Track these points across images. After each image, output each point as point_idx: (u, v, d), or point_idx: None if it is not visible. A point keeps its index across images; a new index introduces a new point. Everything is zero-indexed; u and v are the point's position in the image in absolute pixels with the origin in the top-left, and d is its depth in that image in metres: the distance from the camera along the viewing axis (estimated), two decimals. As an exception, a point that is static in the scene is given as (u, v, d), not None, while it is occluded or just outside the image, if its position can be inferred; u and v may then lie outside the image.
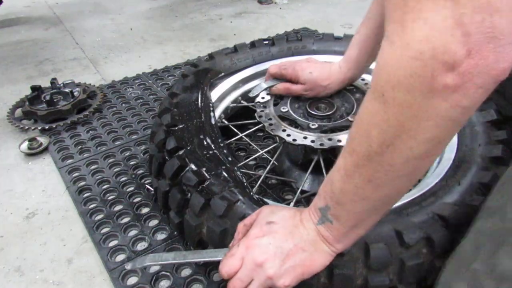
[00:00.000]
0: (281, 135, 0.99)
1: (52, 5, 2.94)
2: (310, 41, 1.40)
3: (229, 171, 0.91)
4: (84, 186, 1.19)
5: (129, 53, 2.14)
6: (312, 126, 1.01)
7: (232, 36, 2.29)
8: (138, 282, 0.90)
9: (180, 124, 1.02)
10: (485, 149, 0.93)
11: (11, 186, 1.23)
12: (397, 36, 0.46)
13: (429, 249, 0.75)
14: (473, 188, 0.84)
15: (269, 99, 1.13)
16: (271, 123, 1.03)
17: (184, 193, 0.89)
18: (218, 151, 0.97)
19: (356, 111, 1.05)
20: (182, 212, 0.90)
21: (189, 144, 0.97)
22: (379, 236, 0.74)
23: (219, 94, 1.26)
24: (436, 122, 0.48)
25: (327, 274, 0.73)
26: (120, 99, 1.64)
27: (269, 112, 1.07)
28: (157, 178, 1.01)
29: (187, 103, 1.11)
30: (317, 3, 2.76)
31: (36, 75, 1.91)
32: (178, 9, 2.79)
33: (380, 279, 0.74)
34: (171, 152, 0.96)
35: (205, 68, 1.28)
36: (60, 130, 1.45)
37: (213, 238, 0.82)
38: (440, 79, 0.45)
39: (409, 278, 0.75)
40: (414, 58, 0.45)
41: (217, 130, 1.05)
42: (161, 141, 1.00)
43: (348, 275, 0.72)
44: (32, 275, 0.95)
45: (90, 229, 1.05)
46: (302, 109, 1.09)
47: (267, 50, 1.37)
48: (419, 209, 0.80)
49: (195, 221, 0.85)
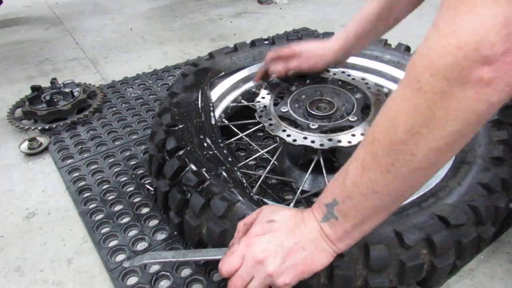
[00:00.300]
0: (281, 136, 0.99)
1: (52, 5, 2.94)
2: None
3: (229, 171, 0.91)
4: (84, 186, 1.19)
5: (129, 53, 2.13)
6: (312, 127, 1.01)
7: (232, 36, 2.29)
8: (138, 282, 0.90)
9: (180, 124, 1.02)
10: (485, 150, 0.92)
11: (11, 186, 1.23)
12: (446, 25, 0.49)
13: (429, 249, 0.75)
14: (473, 189, 0.84)
15: (270, 98, 1.13)
16: (271, 123, 1.03)
17: (184, 193, 0.89)
18: (218, 151, 0.97)
19: (356, 111, 1.05)
20: (182, 212, 0.90)
21: (189, 144, 0.97)
22: (379, 237, 0.74)
23: (219, 93, 1.26)
24: (464, 114, 0.50)
25: (327, 274, 0.73)
26: (120, 99, 1.64)
27: (269, 112, 1.07)
28: (157, 178, 1.01)
29: (187, 103, 1.11)
30: (317, 3, 2.76)
31: (36, 75, 1.91)
32: (178, 9, 2.79)
33: (380, 280, 0.74)
34: (171, 152, 0.96)
35: (205, 68, 1.28)
36: (60, 130, 1.45)
37: (213, 238, 0.82)
38: (477, 71, 0.47)
39: (409, 279, 0.75)
40: (459, 48, 0.47)
41: (217, 130, 1.05)
42: (161, 141, 1.00)
43: (348, 276, 0.72)
44: (32, 275, 0.95)
45: (90, 229, 1.05)
46: (302, 109, 1.09)
47: (267, 49, 1.37)
48: (419, 210, 0.80)
49: (195, 222, 0.85)
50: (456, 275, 0.90)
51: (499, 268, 0.92)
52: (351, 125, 1.01)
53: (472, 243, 0.78)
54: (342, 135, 0.97)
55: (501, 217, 0.87)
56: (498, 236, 0.99)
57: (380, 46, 1.36)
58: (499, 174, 0.86)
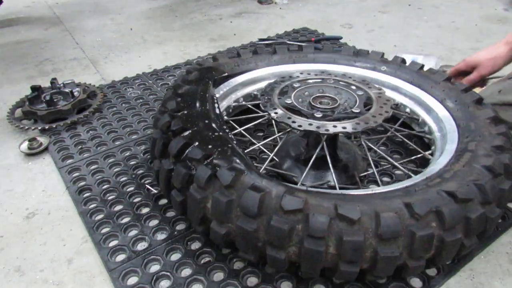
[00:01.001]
0: (287, 122, 0.98)
1: (52, 5, 2.94)
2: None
3: (235, 149, 0.90)
4: (84, 186, 1.19)
5: (129, 53, 2.14)
6: (317, 115, 1.01)
7: (232, 36, 2.29)
8: (138, 282, 0.90)
9: (185, 110, 1.02)
10: (486, 140, 0.95)
11: (11, 186, 1.23)
12: None
13: (438, 223, 0.75)
14: (478, 171, 0.85)
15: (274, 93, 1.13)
16: (276, 111, 1.03)
17: (189, 169, 0.87)
18: (224, 134, 0.97)
19: (359, 105, 1.05)
20: (186, 189, 0.88)
21: (195, 126, 0.96)
22: (389, 208, 0.75)
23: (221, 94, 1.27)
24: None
25: (336, 243, 0.73)
26: (120, 99, 1.64)
27: (274, 103, 1.07)
28: (160, 159, 0.99)
29: (192, 93, 1.12)
30: (317, 3, 2.77)
31: (36, 75, 1.91)
32: (178, 9, 2.79)
33: (390, 250, 0.73)
34: (176, 132, 0.95)
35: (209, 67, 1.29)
36: (60, 130, 1.45)
37: (219, 210, 0.80)
38: None
39: (419, 252, 0.75)
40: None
41: (221, 118, 1.05)
42: (165, 124, 0.99)
43: (358, 244, 0.72)
44: (32, 275, 0.95)
45: (90, 229, 1.05)
46: (306, 103, 1.09)
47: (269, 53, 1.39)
48: (426, 187, 0.82)
49: (200, 194, 0.84)
50: (456, 275, 0.90)
51: (499, 268, 0.92)
52: (356, 116, 1.01)
53: (479, 220, 0.78)
54: (347, 122, 0.98)
55: (505, 201, 0.87)
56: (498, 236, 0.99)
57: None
58: (501, 159, 0.88)
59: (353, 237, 0.72)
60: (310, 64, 1.38)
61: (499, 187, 0.83)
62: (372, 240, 0.73)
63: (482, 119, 1.03)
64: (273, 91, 1.11)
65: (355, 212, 0.74)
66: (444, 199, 0.77)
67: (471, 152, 0.92)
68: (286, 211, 0.75)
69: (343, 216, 0.73)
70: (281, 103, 1.07)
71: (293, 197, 0.76)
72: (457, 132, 1.04)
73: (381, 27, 2.28)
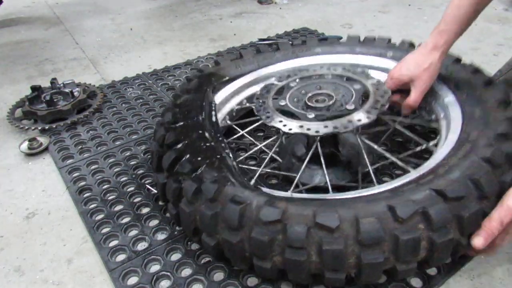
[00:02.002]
0: (277, 126, 0.99)
1: (52, 5, 2.94)
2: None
3: (223, 160, 0.91)
4: (84, 186, 1.19)
5: (129, 53, 2.14)
6: (309, 116, 1.01)
7: (232, 36, 2.29)
8: (138, 282, 0.90)
9: (182, 121, 1.03)
10: (491, 127, 0.89)
11: (11, 186, 1.23)
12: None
13: (426, 224, 0.72)
14: (475, 164, 0.80)
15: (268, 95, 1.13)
16: (268, 115, 1.03)
17: (180, 183, 0.89)
18: (216, 143, 0.97)
19: (354, 100, 1.04)
20: (178, 202, 0.90)
21: (187, 138, 0.97)
22: (371, 212, 0.73)
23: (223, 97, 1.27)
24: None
25: (317, 251, 0.72)
26: (120, 99, 1.64)
27: (267, 107, 1.07)
28: (157, 172, 1.01)
29: (190, 103, 1.12)
30: (317, 3, 2.76)
31: (36, 75, 1.91)
32: (178, 9, 2.79)
33: (373, 256, 0.71)
34: (170, 146, 0.96)
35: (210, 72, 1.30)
36: (60, 130, 1.45)
37: (205, 223, 0.81)
38: None
39: (406, 255, 0.72)
40: None
41: (217, 126, 1.06)
42: (161, 137, 1.02)
43: (338, 251, 0.71)
44: (32, 275, 0.95)
45: (90, 229, 1.04)
46: (301, 103, 1.08)
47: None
48: (415, 186, 0.78)
49: (188, 208, 0.85)
50: (456, 275, 0.90)
51: (499, 268, 0.92)
52: (349, 113, 1.00)
53: (475, 217, 0.75)
54: (338, 121, 0.97)
55: None
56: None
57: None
58: (503, 148, 0.82)
59: (332, 245, 0.71)
60: (314, 57, 1.37)
61: (498, 179, 0.79)
62: (354, 247, 0.72)
63: (491, 102, 0.95)
64: (269, 92, 1.12)
65: (334, 220, 0.72)
66: (433, 198, 0.74)
67: (471, 142, 0.86)
68: (264, 222, 0.75)
69: (321, 225, 0.72)
70: (275, 105, 1.07)
71: (271, 208, 0.76)
72: (461, 120, 0.97)
73: (381, 27, 2.28)
